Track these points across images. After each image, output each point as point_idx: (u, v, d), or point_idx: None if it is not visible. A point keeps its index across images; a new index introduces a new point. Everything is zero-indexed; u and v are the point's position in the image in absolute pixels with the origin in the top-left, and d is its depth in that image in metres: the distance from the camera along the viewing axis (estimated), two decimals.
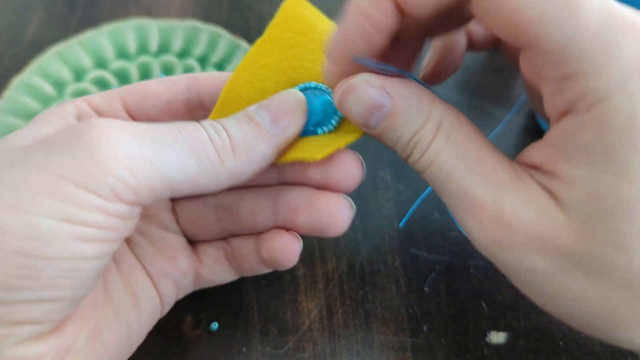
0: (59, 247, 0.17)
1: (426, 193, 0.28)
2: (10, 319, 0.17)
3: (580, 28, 0.15)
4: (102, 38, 0.38)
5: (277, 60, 0.24)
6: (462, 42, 0.24)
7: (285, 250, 0.23)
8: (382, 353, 0.27)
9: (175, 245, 0.25)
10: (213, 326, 0.27)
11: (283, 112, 0.21)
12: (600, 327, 0.18)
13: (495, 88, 0.38)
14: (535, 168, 0.18)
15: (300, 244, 0.24)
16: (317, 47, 0.25)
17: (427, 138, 0.19)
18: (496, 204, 0.18)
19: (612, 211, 0.16)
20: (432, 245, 0.30)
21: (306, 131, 0.23)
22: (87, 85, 0.37)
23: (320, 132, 0.23)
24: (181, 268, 0.24)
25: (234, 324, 0.27)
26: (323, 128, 0.23)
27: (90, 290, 0.19)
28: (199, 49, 0.39)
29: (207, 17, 0.41)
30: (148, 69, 0.38)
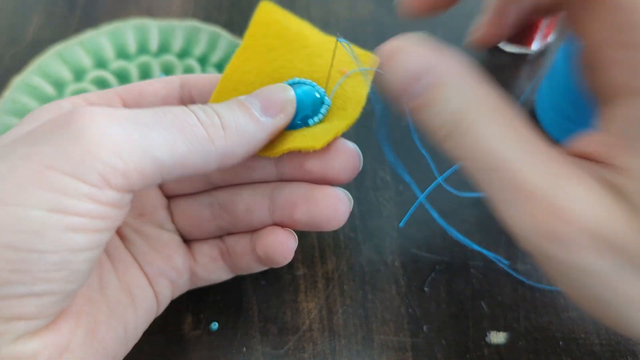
0: (49, 239, 0.17)
1: (426, 193, 0.28)
2: (4, 315, 0.17)
3: None
4: (102, 38, 0.38)
5: (259, 65, 0.25)
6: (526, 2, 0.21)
7: (280, 246, 0.23)
8: (382, 353, 0.27)
9: (171, 243, 0.25)
10: (213, 326, 0.27)
11: (273, 100, 0.22)
12: None
13: (496, 88, 0.38)
14: (589, 159, 0.17)
15: (295, 240, 0.24)
16: (295, 47, 0.26)
17: (476, 117, 0.17)
18: (553, 195, 0.16)
19: None
20: (432, 245, 0.30)
21: (297, 125, 0.23)
22: (87, 85, 0.37)
23: (311, 123, 0.23)
24: (177, 267, 0.25)
25: (234, 324, 0.27)
26: (314, 119, 0.23)
27: (83, 284, 0.19)
28: (199, 49, 0.39)
29: (207, 17, 0.41)
30: (148, 69, 0.38)
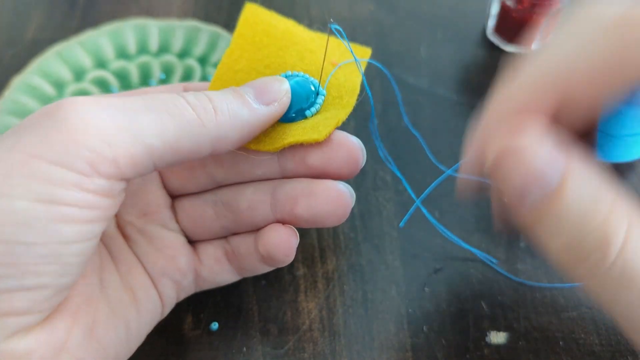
0: (36, 231, 0.16)
1: (426, 193, 0.28)
2: None
3: None
4: (102, 38, 0.38)
5: (250, 63, 0.26)
6: None
7: (282, 244, 0.23)
8: (382, 353, 0.27)
9: (175, 244, 0.25)
10: (213, 326, 0.27)
11: (267, 88, 0.22)
12: None
13: (495, 88, 0.38)
14: None
15: (296, 237, 0.23)
16: (285, 44, 0.26)
17: (619, 232, 0.15)
18: None
19: None
20: (432, 245, 0.30)
21: (294, 117, 0.23)
22: (87, 85, 0.37)
23: (309, 114, 0.23)
24: (180, 267, 0.24)
25: (234, 324, 0.27)
26: (311, 109, 0.24)
27: (77, 278, 0.19)
28: (199, 49, 0.39)
29: (207, 17, 0.41)
30: (148, 69, 0.38)
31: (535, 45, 0.39)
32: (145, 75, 0.38)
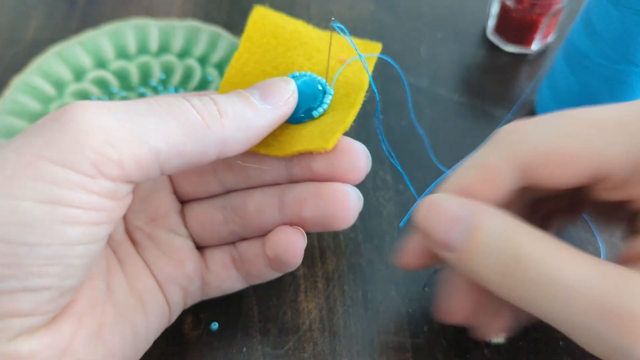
0: (40, 231, 0.16)
1: (426, 192, 0.28)
2: None
3: None
4: (102, 38, 0.38)
5: (258, 66, 0.26)
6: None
7: (289, 245, 0.23)
8: (382, 353, 0.27)
9: (183, 249, 0.24)
10: (213, 326, 0.27)
11: (272, 89, 0.22)
12: None
13: (495, 88, 0.38)
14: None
15: (304, 239, 0.23)
16: (293, 45, 0.26)
17: (533, 247, 0.17)
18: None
19: None
20: None
21: (302, 117, 0.23)
22: (87, 85, 0.37)
23: (316, 114, 0.23)
24: (188, 273, 0.24)
25: (234, 324, 0.27)
26: (318, 109, 0.23)
27: (82, 280, 0.19)
28: (199, 49, 0.39)
29: (207, 17, 0.41)
30: (148, 69, 0.38)
31: (535, 45, 0.39)
32: (145, 75, 0.38)
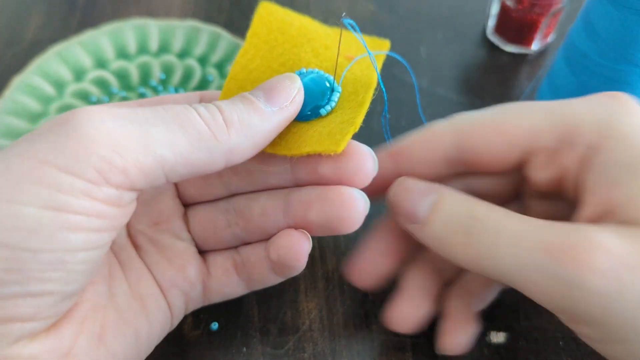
0: (43, 237, 0.16)
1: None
2: None
3: None
4: (102, 38, 0.38)
5: (264, 62, 0.25)
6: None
7: (294, 248, 0.22)
8: (382, 353, 0.27)
9: (185, 254, 0.24)
10: (213, 326, 0.27)
11: (278, 89, 0.21)
12: None
13: (495, 88, 0.38)
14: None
15: (309, 243, 0.23)
16: (300, 41, 0.26)
17: (487, 211, 0.21)
18: (585, 239, 0.18)
19: None
20: None
21: (309, 115, 0.23)
22: (87, 85, 0.37)
23: (323, 112, 0.23)
24: (189, 277, 0.24)
25: (234, 324, 0.27)
26: (325, 107, 0.23)
27: (84, 285, 0.19)
28: (199, 49, 0.39)
29: (207, 17, 0.41)
30: (148, 69, 0.38)
31: (535, 45, 0.39)
32: (145, 75, 0.38)
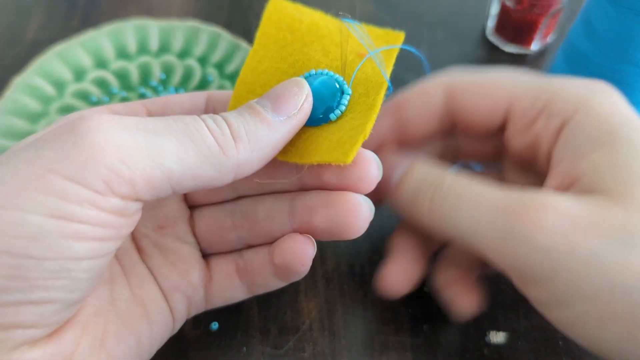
0: (47, 246, 0.16)
1: None
2: (0, 323, 0.16)
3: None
4: (102, 38, 0.38)
5: (274, 63, 0.24)
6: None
7: (298, 252, 0.22)
8: (382, 353, 0.27)
9: (189, 258, 0.24)
10: (213, 326, 0.27)
11: (285, 97, 0.21)
12: None
13: None
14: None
15: (314, 247, 0.23)
16: (310, 39, 0.25)
17: (455, 178, 0.24)
18: (539, 199, 0.20)
19: None
20: None
21: (319, 119, 0.22)
22: (87, 85, 0.37)
23: (333, 117, 0.22)
24: (193, 282, 0.24)
25: (234, 324, 0.27)
26: (335, 112, 0.22)
27: (87, 293, 0.18)
28: (199, 49, 0.39)
29: (207, 17, 0.41)
30: (148, 69, 0.38)
31: (535, 46, 0.39)
32: (146, 75, 0.38)
